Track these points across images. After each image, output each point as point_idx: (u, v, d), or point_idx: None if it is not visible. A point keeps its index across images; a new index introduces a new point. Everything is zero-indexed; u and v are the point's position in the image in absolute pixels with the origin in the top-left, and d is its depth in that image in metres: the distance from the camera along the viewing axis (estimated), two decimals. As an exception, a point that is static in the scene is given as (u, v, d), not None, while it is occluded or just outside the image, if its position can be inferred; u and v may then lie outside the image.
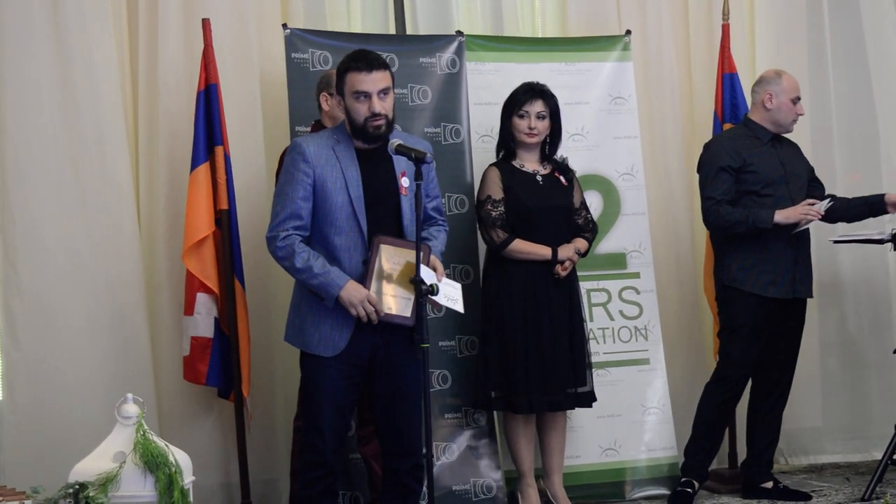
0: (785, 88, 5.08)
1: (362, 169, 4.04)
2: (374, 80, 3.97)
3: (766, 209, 4.93)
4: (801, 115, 5.12)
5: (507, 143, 4.90)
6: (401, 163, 4.06)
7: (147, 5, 5.02)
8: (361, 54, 4.02)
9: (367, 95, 3.96)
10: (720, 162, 5.02)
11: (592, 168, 5.40)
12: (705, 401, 5.14)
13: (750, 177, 4.99)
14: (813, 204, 4.93)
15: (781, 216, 4.90)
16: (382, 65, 4.01)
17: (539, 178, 4.87)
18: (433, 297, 3.87)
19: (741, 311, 5.02)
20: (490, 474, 5.04)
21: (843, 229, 5.79)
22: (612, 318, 5.37)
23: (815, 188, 5.18)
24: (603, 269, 5.37)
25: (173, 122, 4.99)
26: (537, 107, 4.81)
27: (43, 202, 4.71)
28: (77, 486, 3.37)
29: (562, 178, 4.90)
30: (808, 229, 5.01)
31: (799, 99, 5.11)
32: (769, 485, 5.16)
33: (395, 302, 3.97)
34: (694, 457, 5.13)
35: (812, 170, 5.24)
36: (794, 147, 5.22)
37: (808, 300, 5.19)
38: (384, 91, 3.99)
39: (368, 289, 3.94)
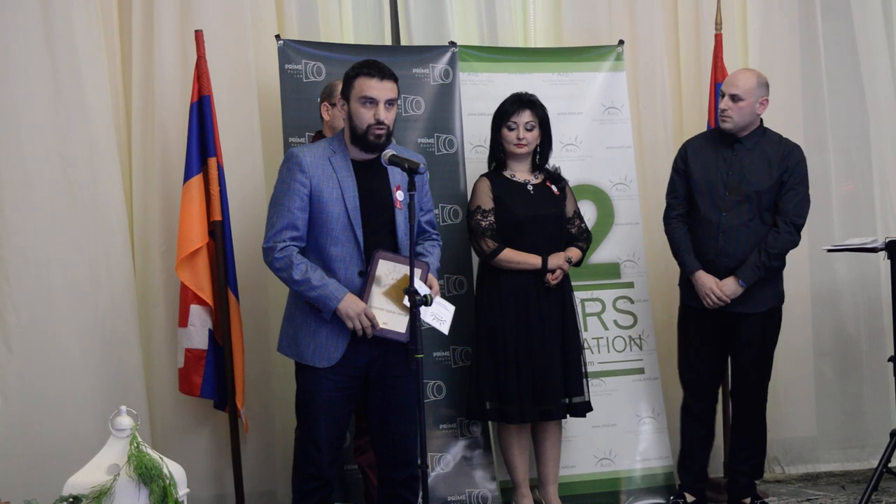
0: None
1: (359, 180, 4.04)
2: (384, 89, 4.00)
3: (694, 260, 4.88)
4: (723, 109, 4.89)
5: (498, 154, 4.90)
6: (395, 176, 4.07)
7: (141, 18, 5.02)
8: (374, 62, 4.07)
9: (375, 102, 3.99)
10: (674, 163, 5.07)
11: (586, 178, 5.41)
12: (681, 413, 5.16)
13: (688, 179, 4.99)
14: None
15: (697, 281, 4.86)
16: (393, 76, 4.06)
17: (530, 187, 4.87)
18: (420, 311, 3.86)
19: (683, 315, 5.08)
20: (485, 484, 5.04)
21: (838, 237, 5.80)
22: (606, 328, 5.38)
23: (787, 199, 4.90)
24: (597, 279, 5.37)
25: (168, 135, 4.99)
26: (525, 117, 4.81)
27: (37, 216, 4.71)
28: (71, 499, 3.37)
29: (553, 187, 4.90)
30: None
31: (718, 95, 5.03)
32: (748, 501, 5.05)
33: (390, 317, 3.98)
34: (680, 469, 5.15)
35: (781, 181, 4.90)
36: (770, 155, 4.92)
37: (799, 310, 5.15)
38: (390, 102, 4.02)
39: (366, 302, 3.94)
